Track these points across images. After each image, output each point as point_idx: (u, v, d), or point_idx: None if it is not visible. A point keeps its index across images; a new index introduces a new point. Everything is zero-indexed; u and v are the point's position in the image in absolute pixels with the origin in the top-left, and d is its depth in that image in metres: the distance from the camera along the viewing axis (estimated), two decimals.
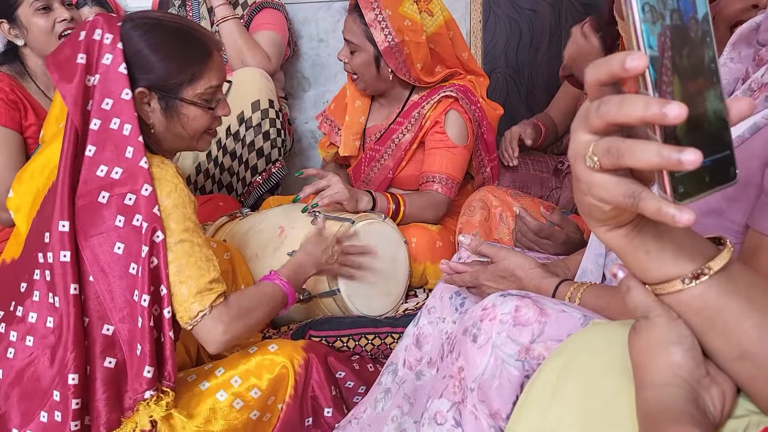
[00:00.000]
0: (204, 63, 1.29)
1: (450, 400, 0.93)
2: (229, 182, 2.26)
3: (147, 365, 1.16)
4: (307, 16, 2.73)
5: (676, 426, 0.54)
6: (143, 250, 1.16)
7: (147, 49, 1.23)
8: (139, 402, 1.17)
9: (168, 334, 1.19)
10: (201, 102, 1.29)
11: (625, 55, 0.48)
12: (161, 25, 1.27)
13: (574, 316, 0.85)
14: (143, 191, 1.18)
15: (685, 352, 0.59)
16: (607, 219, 0.56)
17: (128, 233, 1.17)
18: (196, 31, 1.31)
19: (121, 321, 1.17)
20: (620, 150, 0.49)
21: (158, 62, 1.24)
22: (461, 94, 1.91)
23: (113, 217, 1.18)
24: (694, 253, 0.57)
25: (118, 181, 1.18)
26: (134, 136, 1.19)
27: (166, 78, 1.25)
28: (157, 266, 1.18)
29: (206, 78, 1.29)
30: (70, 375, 1.15)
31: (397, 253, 1.75)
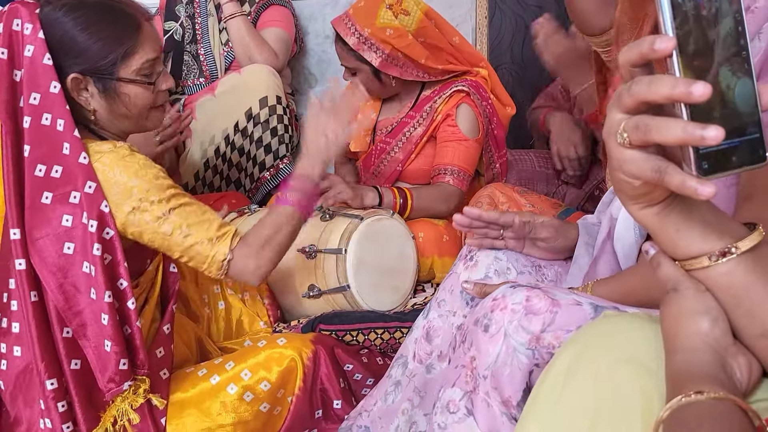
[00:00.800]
0: (135, 37, 1.21)
1: (462, 389, 0.93)
2: (237, 178, 2.27)
3: (120, 359, 1.15)
4: (314, 13, 2.74)
5: (701, 385, 0.56)
6: (95, 248, 1.13)
7: (72, 32, 1.16)
8: (116, 395, 1.18)
9: (135, 324, 1.18)
10: (140, 78, 1.22)
11: (654, 38, 0.51)
12: (82, 3, 1.18)
13: (585, 307, 0.86)
14: (87, 189, 1.14)
15: (712, 320, 0.61)
16: (638, 196, 0.59)
17: (77, 232, 1.14)
18: (121, 4, 1.23)
19: (82, 325, 1.15)
20: (648, 126, 0.53)
21: (86, 44, 1.17)
22: (473, 89, 1.93)
23: (59, 218, 1.14)
24: (723, 233, 0.60)
25: (60, 179, 1.14)
26: (69, 130, 1.14)
27: (97, 59, 1.18)
28: (111, 261, 1.16)
29: (140, 52, 1.21)
30: (47, 381, 1.15)
31: (405, 248, 1.75)
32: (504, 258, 1.20)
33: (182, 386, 1.29)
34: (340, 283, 1.62)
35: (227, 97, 2.20)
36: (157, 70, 1.26)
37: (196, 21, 2.41)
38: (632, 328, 0.70)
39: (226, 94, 2.20)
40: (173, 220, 1.18)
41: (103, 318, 1.15)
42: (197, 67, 2.39)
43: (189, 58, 2.39)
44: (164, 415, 1.25)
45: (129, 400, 1.19)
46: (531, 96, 2.80)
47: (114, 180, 1.16)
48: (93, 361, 1.16)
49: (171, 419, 1.25)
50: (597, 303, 0.87)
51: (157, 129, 1.31)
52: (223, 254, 1.21)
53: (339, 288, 1.62)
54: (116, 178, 1.16)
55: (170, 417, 1.25)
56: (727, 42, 0.52)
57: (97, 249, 1.14)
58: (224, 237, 1.22)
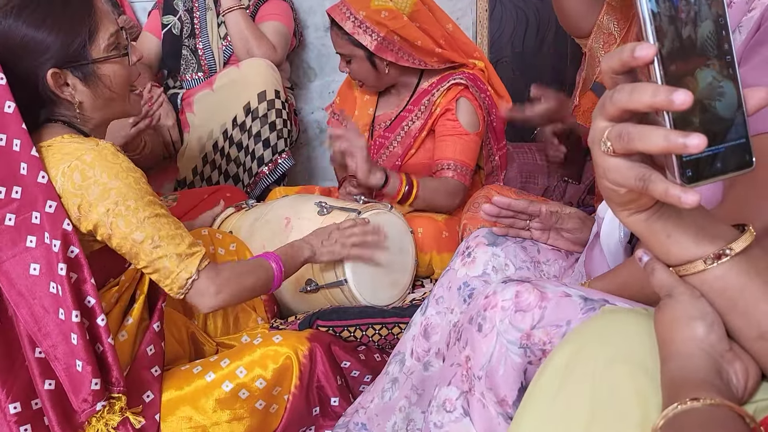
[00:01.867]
0: (91, 14, 1.18)
1: (458, 389, 0.93)
2: (236, 173, 2.26)
3: (93, 378, 1.12)
4: (313, 6, 2.72)
5: (698, 392, 0.56)
6: (60, 268, 1.11)
7: (29, 32, 1.13)
8: (91, 416, 1.15)
9: (107, 341, 1.15)
10: (113, 54, 1.20)
11: (635, 45, 0.51)
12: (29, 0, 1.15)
13: (575, 299, 0.85)
14: (47, 209, 1.11)
15: (707, 326, 0.61)
16: (625, 203, 0.59)
17: (41, 253, 1.12)
18: None
19: (52, 345, 1.13)
20: (630, 135, 0.52)
21: (48, 38, 1.14)
22: (470, 81, 1.92)
23: (24, 239, 1.12)
24: (715, 236, 0.60)
25: (20, 200, 1.12)
26: (26, 150, 1.11)
27: (66, 48, 1.15)
28: (78, 279, 1.14)
29: (102, 28, 1.18)
30: (10, 405, 1.13)
31: (404, 243, 1.75)
32: (502, 254, 1.19)
33: (177, 383, 1.28)
34: (337, 278, 1.61)
35: (225, 92, 2.19)
36: (122, 42, 1.23)
37: (194, 15, 2.40)
38: (629, 324, 0.70)
39: (225, 88, 2.20)
40: (146, 229, 1.16)
41: (72, 338, 1.12)
42: (195, 61, 2.38)
43: (187, 53, 2.38)
44: (158, 411, 1.24)
45: (105, 419, 1.16)
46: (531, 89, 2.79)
47: (94, 179, 1.14)
48: (65, 382, 1.13)
49: (166, 416, 1.24)
50: (586, 295, 0.86)
51: (137, 114, 1.28)
52: (189, 273, 1.19)
53: (336, 282, 1.61)
54: (96, 177, 1.14)
55: (165, 414, 1.24)
56: (709, 46, 0.52)
57: (61, 269, 1.11)
58: (194, 256, 1.20)
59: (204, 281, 1.21)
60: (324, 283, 1.63)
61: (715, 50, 0.52)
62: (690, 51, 0.51)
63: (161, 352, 1.30)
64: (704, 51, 0.52)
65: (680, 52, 0.51)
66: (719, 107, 0.52)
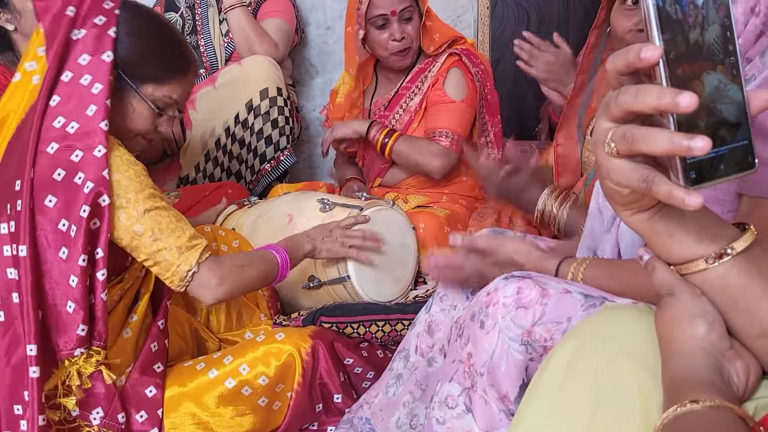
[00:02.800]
0: (178, 74, 1.25)
1: (460, 385, 0.93)
2: (238, 170, 2.27)
3: (81, 323, 1.13)
4: (315, 3, 2.72)
5: (698, 393, 0.56)
6: (83, 210, 1.11)
7: (135, 31, 1.20)
8: (66, 359, 1.15)
9: (100, 296, 1.16)
10: (154, 105, 1.24)
11: (640, 47, 0.50)
12: (159, 21, 1.26)
13: (576, 296, 0.86)
14: (96, 152, 1.12)
15: (708, 325, 0.61)
16: (628, 203, 0.59)
17: (65, 189, 1.13)
18: (185, 46, 1.30)
19: (49, 280, 1.13)
20: (635, 136, 0.52)
21: (139, 47, 1.20)
22: (464, 54, 1.97)
23: (52, 170, 1.13)
24: (717, 235, 0.60)
25: (71, 135, 1.13)
26: (102, 97, 1.14)
27: (137, 64, 1.21)
28: (98, 228, 1.14)
29: (171, 88, 1.25)
30: None
31: (406, 239, 1.75)
32: None
33: (180, 380, 1.28)
34: (340, 274, 1.62)
35: (228, 89, 2.19)
36: (169, 112, 1.27)
37: (196, 12, 2.40)
38: (631, 320, 0.70)
39: (227, 85, 2.20)
40: (146, 221, 1.17)
41: (72, 280, 1.13)
42: (197, 58, 2.38)
43: None
44: (161, 407, 1.25)
45: (78, 366, 1.16)
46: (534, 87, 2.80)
47: None
48: (51, 318, 1.14)
49: (168, 412, 1.25)
50: (587, 292, 0.86)
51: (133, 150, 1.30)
52: (189, 265, 1.19)
53: (339, 279, 1.61)
54: None
55: (168, 410, 1.25)
56: (715, 49, 0.51)
57: (84, 210, 1.12)
58: (194, 249, 1.20)
59: (205, 273, 1.21)
60: (327, 280, 1.63)
61: (721, 53, 0.51)
62: (697, 55, 0.51)
63: (164, 349, 1.30)
64: (711, 55, 0.51)
65: (687, 56, 0.51)
66: (724, 110, 0.52)
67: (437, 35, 2.00)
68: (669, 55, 0.51)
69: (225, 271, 1.23)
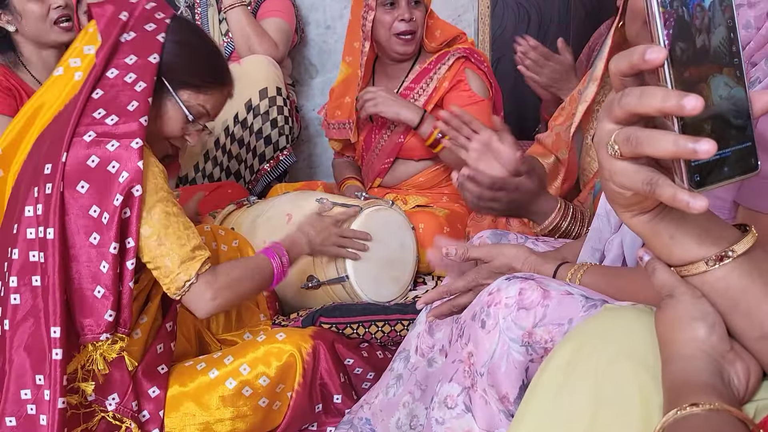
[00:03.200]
0: (214, 85, 1.30)
1: (461, 385, 0.93)
2: (237, 170, 2.26)
3: (109, 309, 1.16)
4: (315, 3, 2.72)
5: (698, 396, 0.56)
6: (116, 198, 1.13)
7: (181, 40, 1.26)
8: (90, 342, 1.17)
9: (128, 284, 1.18)
10: (187, 112, 1.27)
11: (645, 48, 0.50)
12: (204, 36, 1.35)
13: (577, 298, 0.86)
14: (132, 143, 1.16)
15: (708, 327, 0.61)
16: (630, 205, 0.59)
17: (98, 176, 1.15)
18: (225, 63, 1.36)
19: (77, 264, 1.16)
20: (639, 139, 0.52)
21: (183, 54, 1.26)
22: (469, 54, 1.96)
23: (88, 156, 1.15)
24: (718, 237, 0.59)
25: (110, 126, 1.17)
26: (144, 95, 1.19)
27: (179, 70, 1.25)
28: (128, 218, 1.16)
29: (206, 98, 1.29)
30: None
31: (405, 239, 1.75)
32: None
33: (181, 380, 1.28)
34: (338, 274, 1.61)
35: None
36: (201, 120, 1.31)
37: (195, 11, 2.40)
38: (632, 321, 0.69)
39: None
40: (154, 224, 1.18)
41: (103, 266, 1.15)
42: None
43: None
44: (162, 408, 1.25)
45: (102, 350, 1.18)
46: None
47: None
48: (76, 301, 1.16)
49: (169, 412, 1.25)
50: (588, 294, 0.86)
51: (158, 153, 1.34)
52: (188, 276, 1.20)
53: (338, 279, 1.61)
54: None
55: (169, 410, 1.25)
56: (720, 51, 0.51)
57: (117, 199, 1.14)
58: (195, 260, 1.21)
59: (202, 285, 1.21)
60: (325, 279, 1.63)
61: (727, 56, 0.51)
62: (704, 58, 0.51)
63: (170, 351, 1.31)
64: (717, 57, 0.51)
65: (695, 59, 0.50)
66: (729, 112, 0.51)
67: (438, 31, 2.00)
68: (675, 57, 0.50)
69: (221, 285, 1.24)
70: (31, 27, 1.84)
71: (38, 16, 1.83)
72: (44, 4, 1.83)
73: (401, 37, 1.94)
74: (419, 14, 1.94)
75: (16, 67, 1.88)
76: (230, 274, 1.26)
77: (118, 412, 1.21)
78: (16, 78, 1.86)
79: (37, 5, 1.82)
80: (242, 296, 1.30)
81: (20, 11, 1.82)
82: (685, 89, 0.50)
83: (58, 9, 1.84)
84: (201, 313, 1.24)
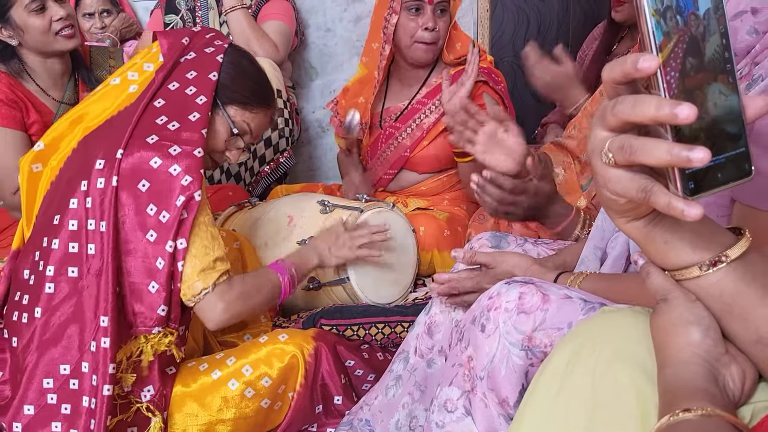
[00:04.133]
0: (260, 105, 1.37)
1: (460, 389, 0.94)
2: (237, 172, 2.27)
3: (162, 304, 1.19)
4: (315, 6, 2.73)
5: (692, 401, 0.56)
6: (177, 199, 1.17)
7: (236, 62, 1.35)
8: (143, 334, 1.21)
9: (177, 283, 1.21)
10: (232, 124, 1.34)
11: (638, 56, 0.50)
12: (256, 63, 1.42)
13: (576, 303, 0.86)
14: (195, 152, 1.21)
15: (702, 331, 0.61)
16: (624, 211, 0.59)
17: (158, 177, 1.19)
18: (272, 90, 1.44)
19: (134, 259, 1.19)
20: (633, 147, 0.52)
21: (237, 75, 1.34)
22: (486, 76, 1.92)
23: (150, 157, 1.19)
24: (712, 242, 0.60)
25: (171, 132, 1.22)
26: (205, 109, 1.25)
27: (231, 88, 1.32)
28: (185, 220, 1.19)
29: (251, 116, 1.36)
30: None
31: (406, 242, 1.75)
32: None
33: (183, 380, 1.29)
34: (339, 276, 1.62)
35: None
36: (244, 136, 1.38)
37: (196, 14, 2.40)
38: (629, 323, 0.70)
39: None
40: None
41: (159, 262, 1.18)
42: None
43: None
44: (167, 408, 1.25)
45: (153, 342, 1.21)
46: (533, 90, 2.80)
47: None
48: (130, 294, 1.20)
49: (172, 413, 1.26)
50: (586, 298, 0.87)
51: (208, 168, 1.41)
52: (205, 284, 1.22)
53: (338, 280, 1.62)
54: None
55: (172, 410, 1.26)
56: (715, 59, 0.51)
57: (179, 200, 1.17)
58: (214, 271, 1.23)
59: (215, 296, 1.23)
60: (326, 281, 1.64)
61: (721, 63, 0.51)
62: (699, 66, 0.51)
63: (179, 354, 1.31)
64: (712, 65, 0.51)
65: (690, 68, 0.51)
66: (723, 119, 0.51)
67: (459, 44, 1.96)
68: (666, 64, 0.50)
69: (233, 298, 1.25)
70: (35, 40, 1.81)
71: (41, 30, 1.79)
72: (45, 17, 1.78)
73: (423, 44, 1.91)
74: (443, 24, 1.91)
75: (20, 76, 1.85)
76: (243, 288, 1.28)
77: (151, 403, 1.24)
78: (21, 88, 1.83)
79: (38, 19, 1.78)
80: (252, 310, 1.32)
81: (22, 26, 1.79)
82: (680, 97, 0.50)
83: (60, 21, 1.80)
84: (211, 324, 1.26)
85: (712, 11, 0.51)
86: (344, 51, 2.78)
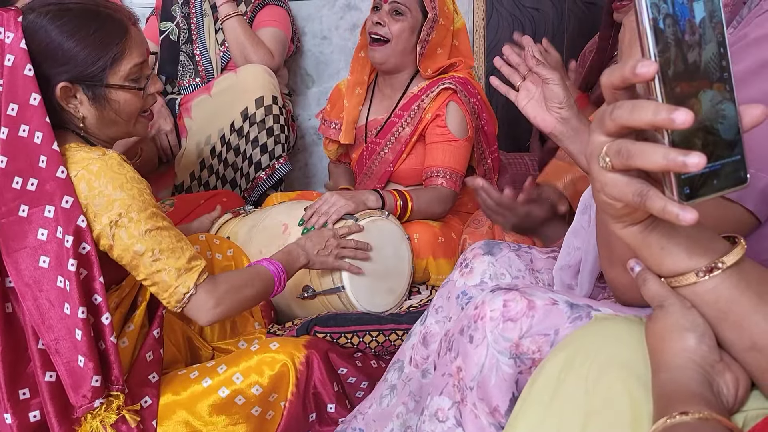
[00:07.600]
0: (122, 41, 1.19)
1: (451, 398, 0.94)
2: (233, 178, 2.27)
3: (93, 375, 1.12)
4: (311, 13, 2.74)
5: (688, 405, 0.57)
6: (70, 263, 1.11)
7: (58, 39, 1.14)
8: (87, 412, 1.15)
9: (109, 339, 1.15)
10: (129, 84, 1.21)
11: (636, 62, 0.51)
12: (68, 9, 1.16)
13: (561, 306, 0.86)
14: (63, 203, 1.11)
15: (698, 337, 0.62)
16: (621, 216, 0.60)
17: (52, 246, 1.12)
18: (106, 9, 1.20)
19: (54, 339, 1.12)
20: (630, 152, 0.53)
21: (73, 51, 1.15)
22: (460, 86, 1.91)
23: (35, 231, 1.12)
24: (708, 248, 0.60)
25: (35, 192, 1.12)
26: (47, 144, 1.11)
27: (85, 66, 1.16)
28: (87, 276, 1.14)
29: (128, 57, 1.20)
30: (20, 390, 1.14)
31: (400, 250, 1.75)
32: (498, 264, 1.20)
33: (173, 388, 1.28)
34: (334, 284, 1.62)
35: (223, 97, 2.20)
36: (145, 73, 1.24)
37: (191, 21, 2.40)
38: (622, 331, 0.70)
39: (222, 93, 2.20)
40: (146, 241, 1.16)
41: (77, 333, 1.12)
42: (193, 67, 2.39)
43: (185, 58, 2.39)
44: (155, 416, 1.24)
45: (101, 416, 1.16)
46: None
47: (99, 189, 1.15)
48: (64, 376, 1.13)
49: (162, 421, 1.25)
50: (572, 301, 0.87)
51: (142, 137, 1.26)
52: (187, 287, 1.19)
53: (333, 289, 1.62)
54: (101, 188, 1.15)
55: (161, 419, 1.25)
56: (712, 67, 0.52)
57: (72, 264, 1.11)
58: (192, 270, 1.20)
59: (202, 296, 1.21)
60: (321, 290, 1.63)
61: (717, 71, 0.52)
62: (695, 73, 0.52)
63: (160, 359, 1.30)
64: (708, 73, 0.52)
65: (686, 74, 0.51)
66: (719, 126, 0.52)
67: (440, 50, 1.95)
68: (666, 72, 0.51)
69: (222, 293, 1.23)
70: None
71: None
72: None
73: (372, 41, 1.93)
74: (397, 26, 1.89)
75: None
76: (230, 282, 1.26)
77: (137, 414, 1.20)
78: None
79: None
80: (244, 304, 1.29)
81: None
82: (676, 103, 0.50)
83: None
84: (203, 321, 1.24)
85: (708, 20, 0.52)
86: (340, 59, 2.78)
